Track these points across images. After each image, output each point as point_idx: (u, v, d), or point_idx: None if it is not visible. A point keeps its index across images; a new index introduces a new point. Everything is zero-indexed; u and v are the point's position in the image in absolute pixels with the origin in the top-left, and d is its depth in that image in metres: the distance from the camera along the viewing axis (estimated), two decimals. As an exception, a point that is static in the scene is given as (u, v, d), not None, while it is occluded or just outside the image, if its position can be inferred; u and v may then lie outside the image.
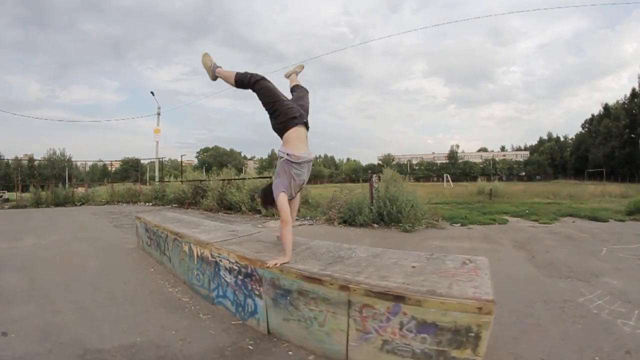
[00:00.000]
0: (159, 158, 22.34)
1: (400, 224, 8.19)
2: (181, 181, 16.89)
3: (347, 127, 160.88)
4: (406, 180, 10.20)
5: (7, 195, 22.28)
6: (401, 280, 2.32)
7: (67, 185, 20.27)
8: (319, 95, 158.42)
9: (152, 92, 23.72)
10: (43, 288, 4.40)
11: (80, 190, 22.18)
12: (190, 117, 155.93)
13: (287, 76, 3.86)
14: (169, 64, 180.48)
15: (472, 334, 1.96)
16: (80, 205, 19.03)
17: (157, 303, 3.87)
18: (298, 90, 3.59)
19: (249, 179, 13.31)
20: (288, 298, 2.76)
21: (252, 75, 3.17)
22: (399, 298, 2.13)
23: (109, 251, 6.48)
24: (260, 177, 13.42)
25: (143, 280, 4.71)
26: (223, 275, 3.52)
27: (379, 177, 9.52)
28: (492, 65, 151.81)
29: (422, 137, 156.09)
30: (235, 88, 3.28)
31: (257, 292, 3.07)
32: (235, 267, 3.31)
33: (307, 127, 3.20)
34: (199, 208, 14.32)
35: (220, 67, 3.40)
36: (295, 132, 3.08)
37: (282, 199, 3.04)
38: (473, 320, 1.96)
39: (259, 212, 11.96)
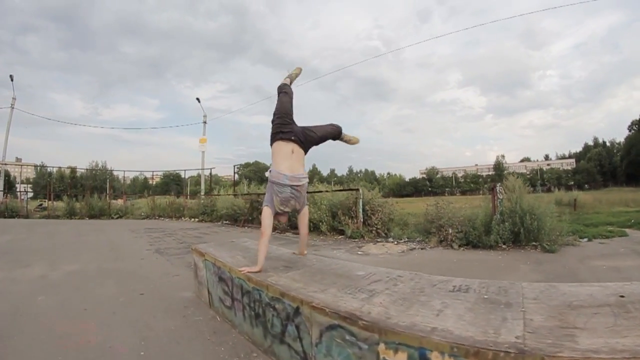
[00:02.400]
0: (208, 168, 19.95)
1: (534, 243, 6.67)
2: (234, 194, 14.22)
3: (385, 141, 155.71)
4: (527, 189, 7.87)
5: (46, 204, 21.09)
6: None
7: (103, 196, 18.18)
8: (355, 109, 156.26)
9: (197, 99, 21.79)
10: None
11: (119, 202, 20.27)
12: (229, 134, 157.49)
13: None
14: (206, 82, 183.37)
15: None
16: (117, 218, 16.93)
17: None
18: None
19: (327, 191, 10.30)
20: None
21: (283, 86, 3.32)
22: None
23: (151, 307, 3.61)
24: (341, 190, 10.43)
25: None
26: None
27: (503, 187, 7.59)
28: (527, 71, 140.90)
29: (461, 149, 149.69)
30: None
31: None
32: None
33: (301, 146, 3.03)
34: (259, 226, 11.47)
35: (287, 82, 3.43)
36: (278, 146, 2.99)
37: (264, 212, 3.01)
38: None
39: (341, 232, 9.18)
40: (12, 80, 19.36)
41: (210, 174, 19.55)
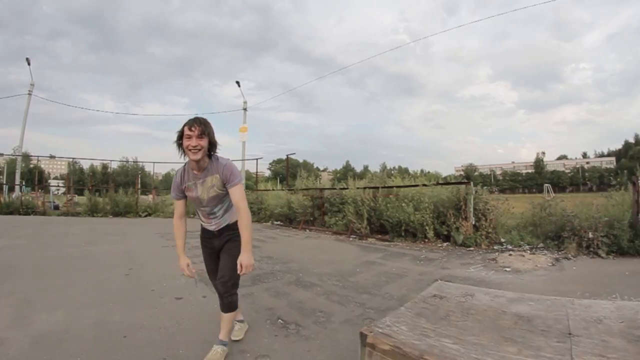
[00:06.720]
0: (253, 159, 17.45)
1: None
2: (289, 189, 11.56)
3: (415, 138, 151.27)
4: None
5: (77, 199, 19.73)
6: None
7: (130, 192, 15.85)
8: (384, 105, 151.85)
9: (237, 82, 19.59)
10: None
11: (149, 198, 18.04)
12: (258, 131, 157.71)
13: None
14: (234, 80, 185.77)
15: None
16: (145, 216, 14.67)
17: None
18: None
19: (425, 185, 7.46)
20: None
21: None
22: None
23: None
24: (446, 184, 7.51)
25: None
26: None
27: None
28: (559, 64, 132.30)
29: (492, 146, 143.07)
30: None
31: None
32: None
33: None
34: (325, 229, 8.90)
35: None
36: None
37: None
38: None
39: (447, 238, 6.88)
40: (29, 64, 17.30)
41: (257, 165, 16.98)
